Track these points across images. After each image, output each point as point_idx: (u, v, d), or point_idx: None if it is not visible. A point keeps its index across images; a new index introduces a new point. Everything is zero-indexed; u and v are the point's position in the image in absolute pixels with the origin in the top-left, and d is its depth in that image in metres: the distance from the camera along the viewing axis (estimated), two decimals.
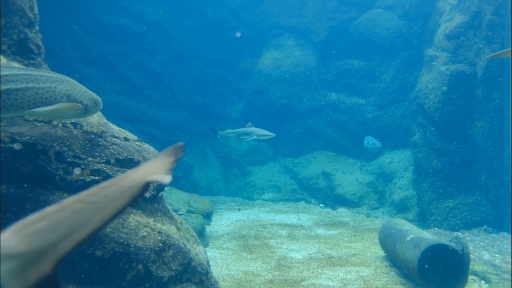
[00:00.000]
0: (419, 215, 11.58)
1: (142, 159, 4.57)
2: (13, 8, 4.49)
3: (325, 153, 16.11)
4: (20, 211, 3.55)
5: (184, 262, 4.50)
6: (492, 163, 10.69)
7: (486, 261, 7.92)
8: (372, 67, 16.07)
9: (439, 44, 11.88)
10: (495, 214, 10.56)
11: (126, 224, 4.08)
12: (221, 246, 9.13)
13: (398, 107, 15.40)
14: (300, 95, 16.76)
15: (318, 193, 14.46)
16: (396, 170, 13.66)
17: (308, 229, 10.76)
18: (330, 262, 8.17)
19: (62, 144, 3.96)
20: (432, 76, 11.82)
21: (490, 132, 10.67)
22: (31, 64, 4.56)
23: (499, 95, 10.59)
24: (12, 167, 3.64)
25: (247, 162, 16.60)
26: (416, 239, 6.89)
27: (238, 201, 14.72)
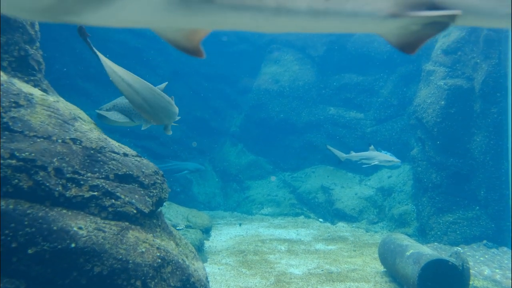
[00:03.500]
0: (418, 230, 11.54)
1: (141, 174, 4.57)
2: (14, 25, 4.53)
3: (324, 167, 16.09)
4: (19, 228, 3.54)
5: (183, 278, 4.48)
6: (491, 178, 10.69)
7: (486, 277, 7.88)
8: (370, 82, 16.14)
9: (437, 59, 11.96)
10: (495, 229, 10.53)
11: (125, 240, 4.06)
12: (220, 262, 9.08)
13: (396, 122, 15.44)
14: (299, 110, 16.81)
15: (317, 207, 14.42)
16: (395, 184, 13.65)
17: (307, 244, 10.71)
18: (330, 277, 8.12)
19: (61, 160, 3.96)
20: (430, 91, 11.88)
21: (488, 147, 10.69)
22: (31, 81, 4.58)
23: (497, 109, 10.63)
24: (11, 183, 3.64)
25: (246, 177, 16.58)
26: (416, 254, 6.87)
27: (237, 216, 14.67)
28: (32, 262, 3.59)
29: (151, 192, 4.56)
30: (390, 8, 1.47)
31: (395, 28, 1.57)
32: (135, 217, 4.29)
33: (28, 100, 4.11)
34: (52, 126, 4.12)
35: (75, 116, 4.52)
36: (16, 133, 3.84)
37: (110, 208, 4.13)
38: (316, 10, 1.44)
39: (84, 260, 3.75)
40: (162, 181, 4.83)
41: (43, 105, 4.21)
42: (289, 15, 1.44)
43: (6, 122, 3.82)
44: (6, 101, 3.92)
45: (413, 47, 1.67)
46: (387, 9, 1.47)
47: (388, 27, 1.57)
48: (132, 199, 4.31)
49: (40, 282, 3.64)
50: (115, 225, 4.09)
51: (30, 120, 3.99)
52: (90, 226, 3.91)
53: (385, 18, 1.49)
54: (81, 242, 3.77)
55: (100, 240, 3.88)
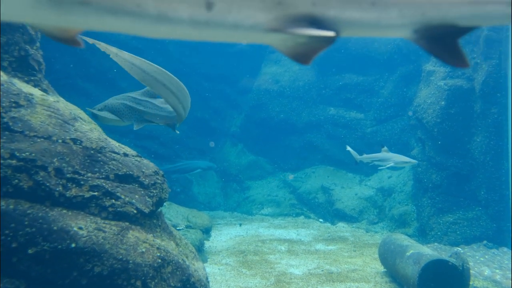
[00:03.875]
0: (418, 230, 11.54)
1: (141, 174, 4.57)
2: (15, 25, 4.53)
3: (324, 167, 16.09)
4: (19, 228, 3.55)
5: (183, 278, 4.48)
6: (491, 178, 10.69)
7: (486, 277, 7.88)
8: (371, 82, 16.14)
9: (437, 59, 11.95)
10: (495, 229, 10.53)
11: (125, 240, 4.07)
12: (220, 262, 9.08)
13: (396, 122, 15.43)
14: (299, 110, 16.80)
15: (317, 208, 14.42)
16: (396, 184, 13.65)
17: (307, 244, 10.71)
18: (330, 278, 8.12)
19: (61, 160, 3.97)
20: (430, 91, 11.88)
21: (488, 147, 10.69)
22: (31, 81, 4.59)
23: (497, 110, 10.63)
24: (12, 183, 3.64)
25: (246, 177, 16.58)
26: (416, 255, 6.87)
27: (237, 216, 14.67)
28: (32, 262, 3.59)
29: (151, 192, 4.56)
30: (271, 23, 1.52)
31: (281, 40, 1.61)
32: (135, 217, 4.29)
33: (28, 100, 4.11)
34: (52, 126, 4.12)
35: (75, 116, 4.52)
36: (16, 133, 3.84)
37: (110, 208, 4.13)
38: (198, 20, 1.46)
39: (84, 260, 3.76)
40: (162, 181, 4.83)
41: (43, 105, 4.21)
42: (170, 24, 1.46)
43: (6, 122, 3.82)
44: (6, 101, 3.93)
45: (305, 59, 1.69)
46: (268, 24, 1.52)
47: (273, 39, 1.61)
48: (132, 199, 4.31)
49: (40, 282, 3.64)
50: (115, 225, 4.10)
51: (30, 120, 3.99)
52: (90, 226, 3.91)
53: (267, 31, 1.53)
54: (81, 242, 3.77)
55: (100, 240, 3.88)
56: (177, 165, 15.19)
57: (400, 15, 1.62)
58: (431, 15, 1.63)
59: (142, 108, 5.65)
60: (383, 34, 1.72)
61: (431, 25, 1.65)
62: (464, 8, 1.63)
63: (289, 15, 1.54)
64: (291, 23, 1.54)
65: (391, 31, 1.70)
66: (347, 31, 1.64)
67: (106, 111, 5.51)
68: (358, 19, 1.60)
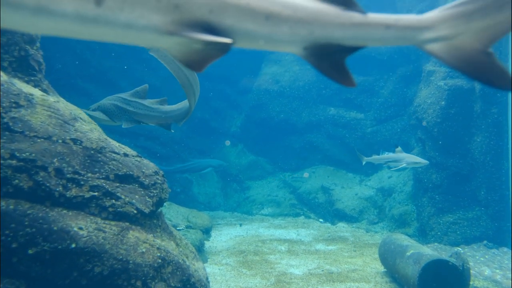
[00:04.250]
0: (418, 230, 11.54)
1: (141, 174, 4.57)
2: None
3: (324, 167, 16.09)
4: (19, 228, 3.55)
5: (183, 278, 4.48)
6: (491, 178, 10.69)
7: (486, 277, 7.88)
8: (371, 82, 16.13)
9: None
10: (495, 229, 10.52)
11: (125, 240, 4.07)
12: (220, 262, 9.08)
13: (397, 122, 15.44)
14: (299, 110, 16.81)
15: (318, 208, 14.42)
16: (396, 184, 13.65)
17: (307, 244, 10.71)
18: (330, 278, 8.12)
19: (61, 160, 3.97)
20: (430, 91, 11.88)
21: (488, 147, 10.69)
22: (31, 81, 4.59)
23: (497, 110, 10.63)
24: (12, 183, 3.64)
25: (246, 177, 16.58)
26: (416, 255, 6.87)
27: (237, 216, 14.67)
28: (33, 263, 3.59)
29: (151, 192, 4.56)
30: (166, 25, 1.50)
31: (176, 44, 1.60)
32: (136, 217, 4.29)
33: (28, 101, 4.11)
34: (52, 127, 4.12)
35: (75, 116, 4.52)
36: (16, 133, 3.84)
37: (110, 208, 4.13)
38: (85, 16, 1.39)
39: (85, 260, 3.76)
40: (163, 181, 4.83)
41: (43, 105, 4.21)
42: (52, 18, 1.37)
43: (6, 123, 3.82)
44: (7, 101, 3.93)
45: (198, 65, 1.71)
46: (163, 26, 1.50)
47: (168, 43, 1.59)
48: (132, 199, 4.31)
49: (40, 283, 3.65)
50: (116, 225, 4.10)
51: (31, 120, 3.99)
52: (91, 226, 3.91)
53: (162, 34, 1.52)
54: (81, 242, 3.77)
55: (100, 240, 3.88)
56: (188, 164, 15.29)
57: (291, 32, 1.69)
58: (319, 34, 1.72)
59: (131, 108, 5.86)
60: (276, 48, 1.77)
61: (319, 43, 1.74)
62: (348, 30, 1.75)
63: (185, 20, 1.53)
64: (187, 27, 1.53)
65: (283, 46, 1.76)
66: (242, 42, 1.67)
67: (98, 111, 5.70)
68: (252, 31, 1.64)
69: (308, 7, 1.71)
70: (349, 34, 1.76)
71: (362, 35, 1.77)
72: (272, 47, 1.76)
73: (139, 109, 5.92)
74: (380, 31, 1.77)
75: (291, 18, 1.67)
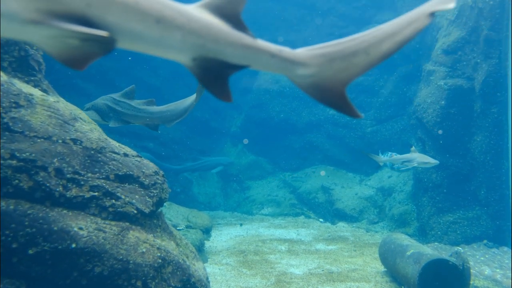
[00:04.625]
0: (419, 230, 11.53)
1: (141, 174, 4.57)
2: None
3: (324, 167, 16.10)
4: (19, 228, 3.54)
5: (183, 278, 4.48)
6: (491, 178, 10.68)
7: (487, 276, 7.88)
8: (371, 82, 16.14)
9: (437, 59, 11.96)
10: (495, 229, 10.52)
11: (125, 240, 4.06)
12: (220, 262, 9.08)
13: (397, 121, 15.45)
14: (299, 110, 16.81)
15: (318, 207, 14.42)
16: (396, 184, 13.65)
17: (307, 244, 10.71)
18: (330, 277, 8.12)
19: (62, 160, 3.96)
20: (430, 91, 11.87)
21: (488, 146, 10.68)
22: (31, 81, 4.58)
23: (497, 109, 10.63)
24: (12, 183, 3.64)
25: (246, 177, 16.58)
26: (416, 254, 6.87)
27: (237, 216, 14.67)
28: (33, 263, 3.59)
29: (151, 192, 4.56)
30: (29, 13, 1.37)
31: (48, 38, 1.48)
32: (136, 217, 4.29)
33: (28, 101, 4.11)
34: (52, 127, 4.12)
35: (75, 116, 4.52)
36: (16, 133, 3.84)
37: (110, 208, 4.13)
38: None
39: (85, 261, 3.76)
40: (163, 181, 4.83)
41: (43, 106, 4.21)
42: None
43: (6, 123, 3.82)
44: (7, 101, 3.92)
45: (76, 64, 1.59)
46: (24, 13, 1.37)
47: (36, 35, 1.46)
48: (132, 200, 4.31)
49: (40, 283, 3.64)
50: (116, 226, 4.10)
51: (31, 120, 3.99)
52: (91, 226, 3.91)
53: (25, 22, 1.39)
54: (81, 242, 3.77)
55: (100, 241, 3.88)
56: (199, 163, 15.35)
57: (183, 40, 1.66)
58: (210, 48, 1.73)
59: (120, 108, 6.04)
60: (163, 54, 1.74)
61: (208, 57, 1.75)
62: (239, 49, 1.78)
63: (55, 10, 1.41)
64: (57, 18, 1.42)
65: (171, 53, 1.73)
66: (128, 43, 1.62)
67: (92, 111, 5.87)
68: (140, 33, 1.58)
69: (203, 19, 1.72)
70: (238, 54, 1.78)
71: (250, 57, 1.81)
72: (160, 53, 1.72)
73: (127, 109, 6.08)
74: (266, 57, 1.82)
75: (185, 26, 1.65)
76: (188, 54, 1.74)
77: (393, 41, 1.84)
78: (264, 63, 1.84)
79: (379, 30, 1.87)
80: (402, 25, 1.84)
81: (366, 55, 1.87)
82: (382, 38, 1.85)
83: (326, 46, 1.90)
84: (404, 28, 1.84)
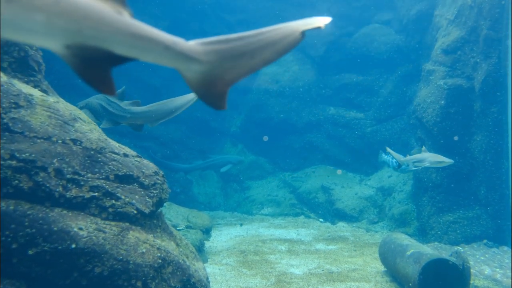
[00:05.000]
0: (419, 230, 11.53)
1: (141, 175, 4.57)
2: None
3: (324, 167, 16.10)
4: (19, 228, 3.54)
5: (183, 278, 4.48)
6: (491, 177, 10.68)
7: (487, 276, 7.88)
8: (370, 82, 16.15)
9: (437, 59, 11.96)
10: (495, 228, 10.52)
11: (125, 240, 4.06)
12: (220, 262, 9.08)
13: (396, 121, 15.45)
14: (299, 110, 16.81)
15: (318, 207, 14.41)
16: (396, 184, 13.65)
17: (307, 244, 10.71)
18: (330, 277, 8.12)
19: (61, 160, 3.96)
20: (430, 90, 11.87)
21: (488, 146, 10.68)
22: (31, 81, 4.58)
23: (497, 109, 10.62)
24: (12, 183, 3.64)
25: (246, 177, 16.58)
26: (416, 254, 6.87)
27: (237, 216, 14.67)
28: (33, 263, 3.59)
29: (151, 192, 4.56)
30: None
31: None
32: (136, 217, 4.29)
33: (28, 101, 4.11)
34: (52, 127, 4.12)
35: (75, 116, 4.52)
36: (16, 134, 3.84)
37: (110, 208, 4.13)
38: None
39: (85, 261, 3.76)
40: (163, 182, 4.83)
41: (43, 106, 4.21)
42: None
43: (6, 123, 3.82)
44: (6, 102, 3.92)
45: None
46: None
47: None
48: (132, 200, 4.31)
49: (40, 283, 3.65)
50: (116, 226, 4.10)
51: (30, 121, 3.99)
52: (91, 226, 3.91)
53: None
54: (81, 242, 3.77)
55: (100, 241, 3.88)
56: (209, 161, 15.41)
57: (48, 24, 1.40)
58: (89, 35, 1.49)
59: (111, 109, 6.16)
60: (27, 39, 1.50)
61: (87, 45, 1.52)
62: (126, 38, 1.56)
63: None
64: None
65: (35, 38, 1.49)
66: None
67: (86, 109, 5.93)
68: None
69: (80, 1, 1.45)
70: (126, 43, 1.57)
71: (140, 48, 1.61)
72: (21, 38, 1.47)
73: (117, 110, 6.22)
74: (159, 49, 1.64)
75: (50, 8, 1.37)
76: (58, 40, 1.49)
77: (274, 49, 1.80)
78: (155, 55, 1.66)
79: (263, 35, 1.79)
80: (281, 35, 1.80)
81: (251, 58, 1.79)
82: (266, 44, 1.79)
83: (218, 42, 1.78)
84: (283, 39, 1.80)
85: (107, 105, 6.12)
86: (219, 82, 1.82)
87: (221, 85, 1.83)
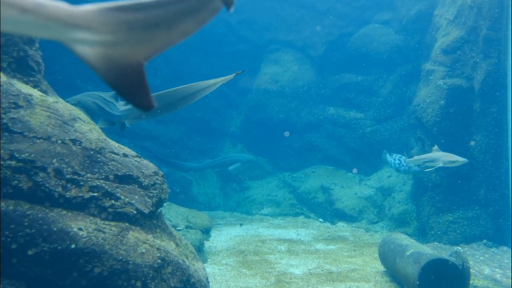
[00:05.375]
0: (418, 230, 11.54)
1: (141, 175, 4.57)
2: None
3: (324, 167, 16.10)
4: (19, 229, 3.54)
5: (183, 279, 4.48)
6: (491, 177, 10.68)
7: (486, 276, 7.88)
8: (370, 82, 16.15)
9: (436, 59, 11.96)
10: (495, 228, 10.52)
11: (125, 240, 4.06)
12: (220, 262, 9.08)
13: (396, 121, 15.45)
14: (299, 110, 16.81)
15: (317, 207, 14.42)
16: (395, 184, 13.65)
17: (307, 244, 10.71)
18: (330, 277, 8.12)
19: (61, 160, 3.96)
20: (429, 90, 11.87)
21: (488, 146, 10.68)
22: (30, 81, 4.58)
23: (497, 109, 10.63)
24: (11, 184, 3.64)
25: (246, 177, 16.57)
26: (416, 254, 6.87)
27: (237, 216, 14.67)
28: (32, 263, 3.59)
29: (151, 192, 4.56)
30: None
31: None
32: (135, 217, 4.29)
33: (27, 101, 4.11)
34: (51, 127, 4.12)
35: (74, 116, 4.52)
36: (15, 134, 3.84)
37: (110, 208, 4.13)
38: None
39: (84, 261, 3.75)
40: (162, 182, 4.83)
41: (42, 106, 4.21)
42: None
43: (5, 123, 3.82)
44: (6, 102, 3.92)
45: None
46: None
47: None
48: (132, 200, 4.31)
49: (40, 283, 3.64)
50: (115, 226, 4.09)
51: (30, 121, 3.99)
52: (90, 227, 3.91)
53: None
54: (81, 243, 3.77)
55: (100, 241, 3.88)
56: (218, 159, 15.40)
57: None
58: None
59: (108, 109, 6.09)
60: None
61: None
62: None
63: None
64: None
65: None
66: None
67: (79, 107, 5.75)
68: None
69: None
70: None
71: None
72: None
73: (113, 110, 6.16)
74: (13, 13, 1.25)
75: None
76: None
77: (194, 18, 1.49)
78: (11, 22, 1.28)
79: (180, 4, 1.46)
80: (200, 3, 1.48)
81: (168, 28, 1.48)
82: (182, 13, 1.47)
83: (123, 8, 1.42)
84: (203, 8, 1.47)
85: (105, 105, 6.08)
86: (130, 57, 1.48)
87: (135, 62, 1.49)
